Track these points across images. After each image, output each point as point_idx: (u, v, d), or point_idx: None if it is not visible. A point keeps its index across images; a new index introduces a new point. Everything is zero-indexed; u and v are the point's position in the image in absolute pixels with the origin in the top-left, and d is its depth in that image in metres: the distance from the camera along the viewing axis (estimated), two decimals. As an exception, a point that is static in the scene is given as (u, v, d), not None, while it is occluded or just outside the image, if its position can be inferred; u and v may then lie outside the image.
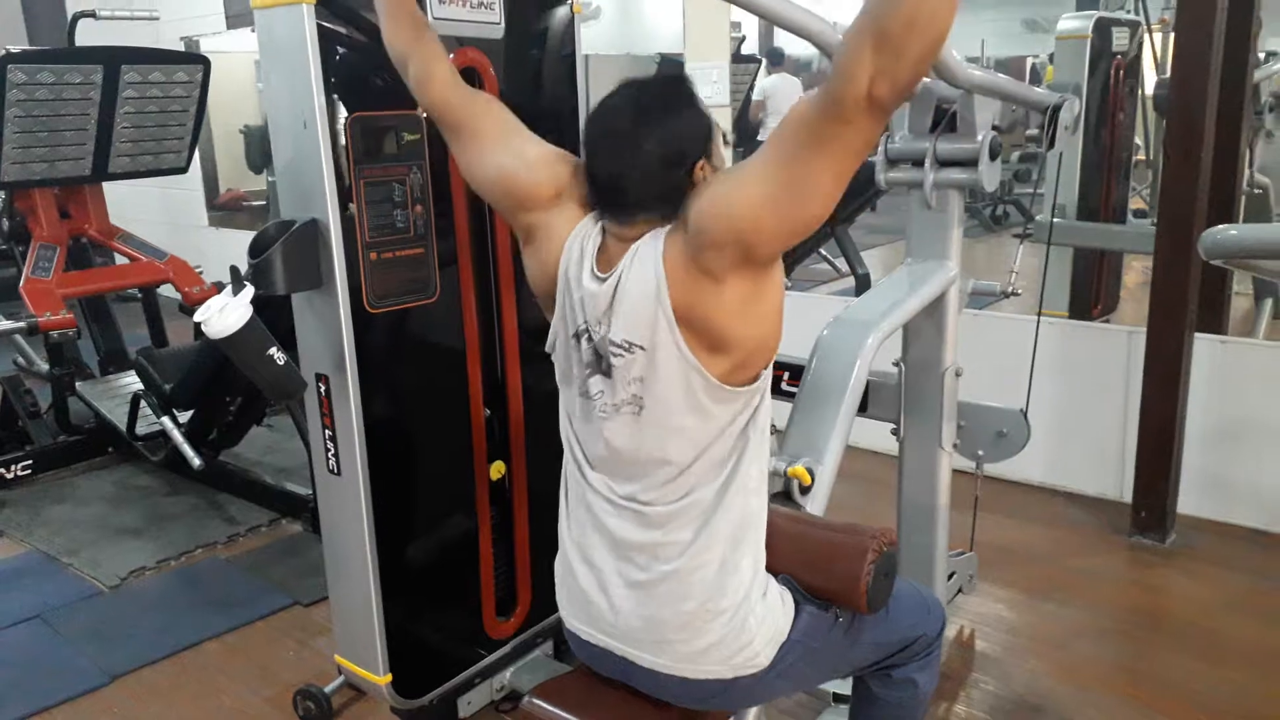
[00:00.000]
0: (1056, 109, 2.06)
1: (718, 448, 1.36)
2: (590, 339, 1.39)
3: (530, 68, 2.24)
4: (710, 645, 1.39)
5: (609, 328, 1.36)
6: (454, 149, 1.57)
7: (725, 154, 1.43)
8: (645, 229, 1.35)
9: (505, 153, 1.49)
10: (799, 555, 1.51)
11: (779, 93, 7.72)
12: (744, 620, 1.39)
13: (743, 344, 1.32)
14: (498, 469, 2.24)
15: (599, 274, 1.37)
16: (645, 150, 1.32)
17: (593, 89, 2.26)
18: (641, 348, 1.33)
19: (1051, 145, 2.09)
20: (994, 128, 2.04)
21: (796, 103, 1.21)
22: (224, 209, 7.35)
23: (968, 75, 1.93)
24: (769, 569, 1.46)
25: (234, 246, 2.09)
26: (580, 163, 1.46)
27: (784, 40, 8.06)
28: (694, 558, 1.37)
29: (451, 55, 2.00)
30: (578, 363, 1.42)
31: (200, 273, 4.27)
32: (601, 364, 1.38)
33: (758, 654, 1.41)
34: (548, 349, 1.49)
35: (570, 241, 1.42)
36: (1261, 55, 4.12)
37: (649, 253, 1.33)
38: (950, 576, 2.51)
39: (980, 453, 2.33)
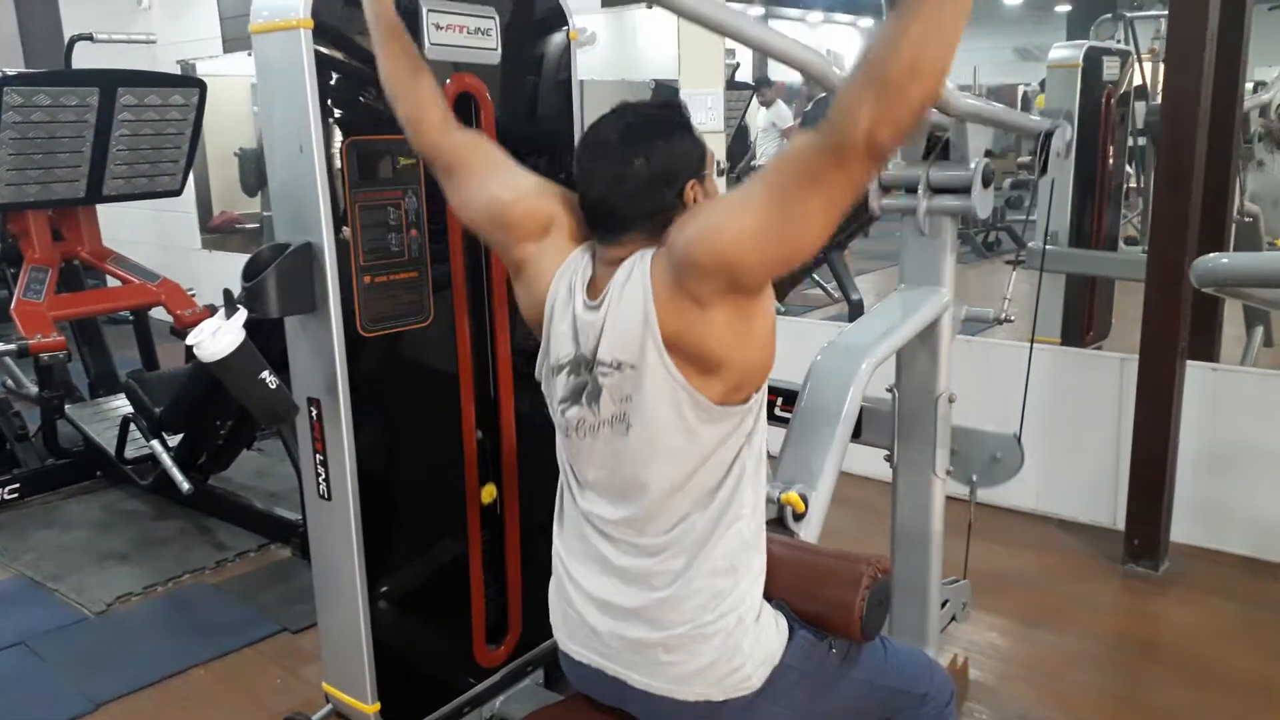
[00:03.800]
0: (1049, 135, 2.09)
1: (706, 473, 1.35)
2: (575, 370, 1.40)
3: (527, 93, 2.25)
4: (703, 667, 1.38)
5: (597, 349, 1.36)
6: (445, 187, 1.58)
7: (720, 183, 1.44)
8: (633, 249, 1.36)
9: (496, 185, 1.51)
10: (793, 581, 1.50)
11: (787, 118, 7.82)
12: (738, 643, 1.39)
13: (734, 367, 1.32)
14: (489, 492, 2.24)
15: (590, 303, 1.38)
16: (634, 166, 1.33)
17: (588, 114, 2.27)
18: (632, 366, 1.33)
19: (1044, 171, 2.11)
20: (987, 152, 2.06)
21: (794, 137, 1.21)
22: (217, 232, 7.36)
23: (961, 103, 1.94)
24: (763, 595, 1.45)
25: (227, 269, 2.08)
26: (571, 195, 1.47)
27: (773, 67, 8.15)
28: (687, 585, 1.37)
29: (448, 80, 2.01)
30: (557, 393, 1.44)
31: (193, 295, 4.26)
32: (583, 393, 1.39)
33: (750, 676, 1.40)
34: (537, 376, 1.50)
35: (558, 279, 1.43)
36: (1250, 85, 4.16)
37: (638, 274, 1.33)
38: (944, 604, 2.50)
39: (974, 477, 2.33)
